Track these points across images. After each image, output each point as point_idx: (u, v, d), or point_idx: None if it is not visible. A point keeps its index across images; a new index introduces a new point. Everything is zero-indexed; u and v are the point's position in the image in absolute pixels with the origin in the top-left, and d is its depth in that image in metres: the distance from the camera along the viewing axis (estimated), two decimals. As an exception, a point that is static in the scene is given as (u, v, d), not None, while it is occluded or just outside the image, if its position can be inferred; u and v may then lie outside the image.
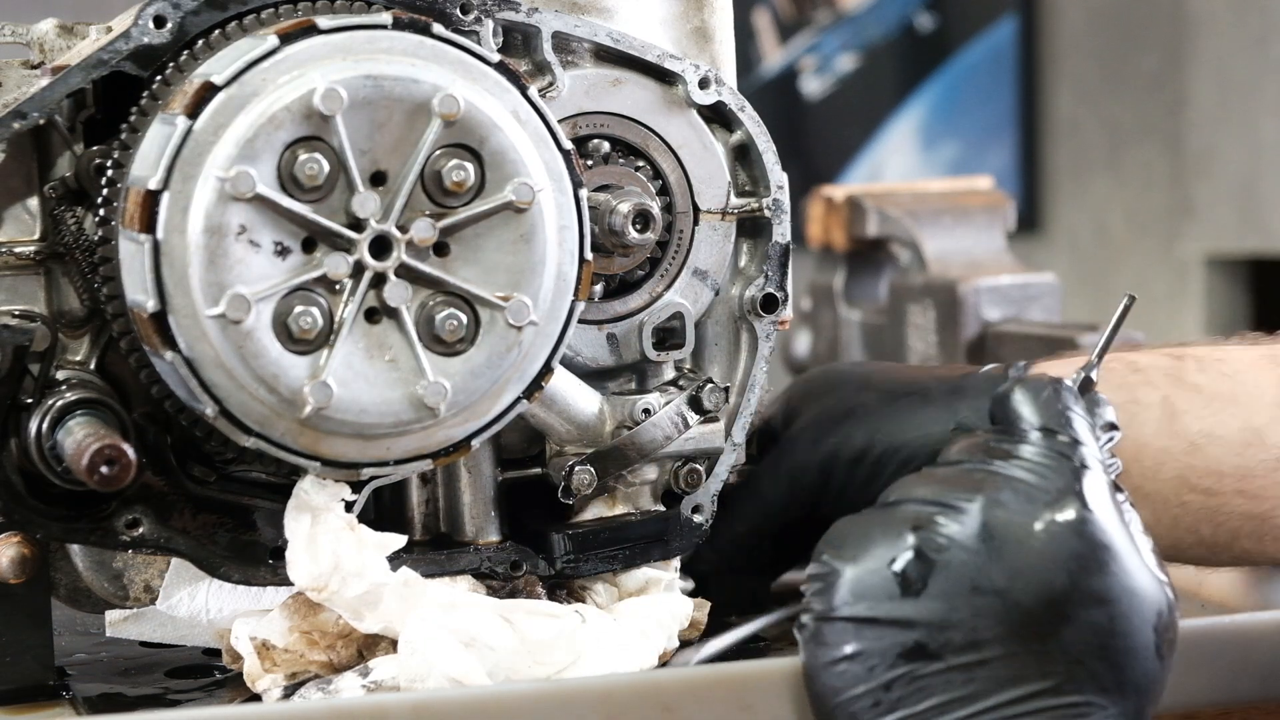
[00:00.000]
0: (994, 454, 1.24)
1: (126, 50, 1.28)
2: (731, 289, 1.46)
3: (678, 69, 1.42)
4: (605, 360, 1.43)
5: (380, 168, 1.25)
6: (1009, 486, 1.20)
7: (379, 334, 1.26)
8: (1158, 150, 5.28)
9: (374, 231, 1.25)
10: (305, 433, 1.25)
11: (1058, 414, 1.25)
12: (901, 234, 2.45)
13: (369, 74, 1.24)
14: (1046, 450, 1.23)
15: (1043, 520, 1.19)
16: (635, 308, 1.44)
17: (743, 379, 1.46)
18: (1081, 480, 1.21)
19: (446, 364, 1.27)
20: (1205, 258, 5.18)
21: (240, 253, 1.22)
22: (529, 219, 1.28)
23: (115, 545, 1.32)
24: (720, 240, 1.45)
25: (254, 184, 1.21)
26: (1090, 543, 1.19)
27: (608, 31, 1.40)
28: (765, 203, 1.45)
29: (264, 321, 1.23)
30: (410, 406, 1.26)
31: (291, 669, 1.34)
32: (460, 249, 1.27)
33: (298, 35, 1.24)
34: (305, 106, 1.22)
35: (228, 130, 1.22)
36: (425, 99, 1.24)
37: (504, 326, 1.28)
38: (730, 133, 1.45)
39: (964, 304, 2.29)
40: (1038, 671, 1.16)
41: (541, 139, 1.29)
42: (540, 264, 1.28)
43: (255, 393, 1.23)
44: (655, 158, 1.43)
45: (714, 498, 1.46)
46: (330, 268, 1.24)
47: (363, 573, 1.30)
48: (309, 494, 1.30)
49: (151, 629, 1.42)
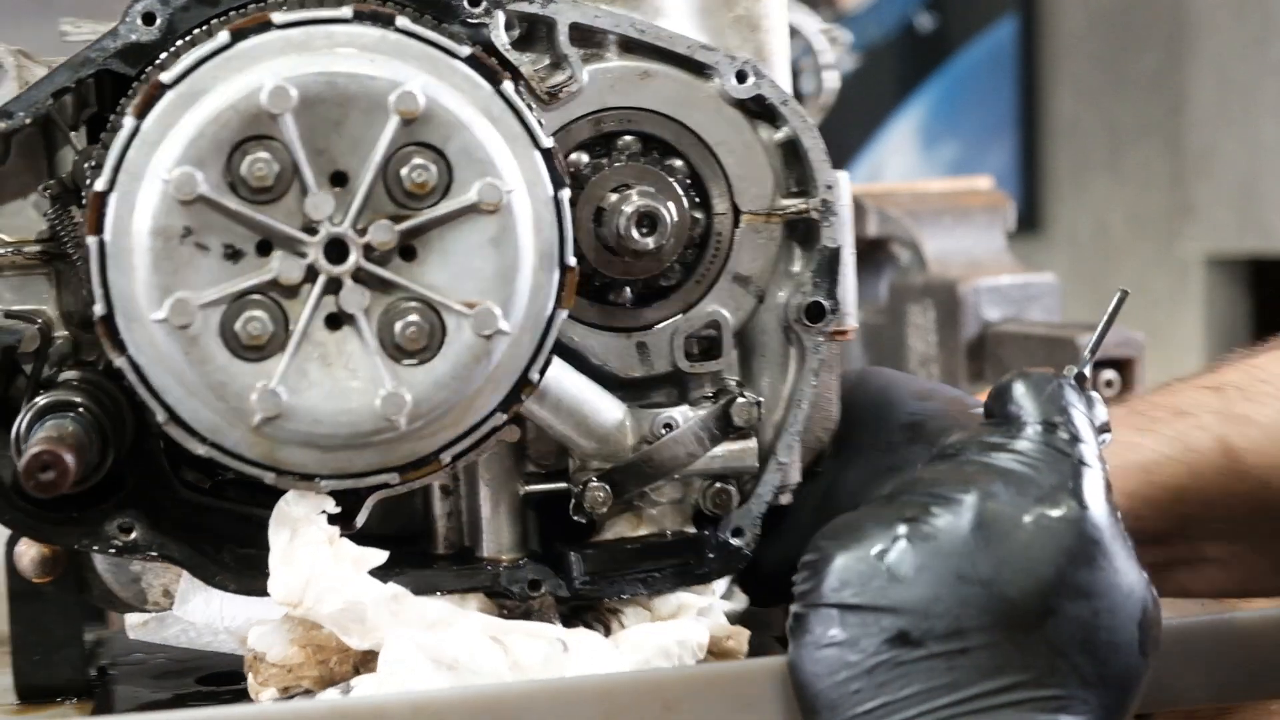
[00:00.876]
0: (991, 447, 1.22)
1: (114, 48, 1.26)
2: (780, 296, 1.36)
3: (711, 60, 1.33)
4: (635, 370, 1.35)
5: (339, 168, 1.20)
6: (1003, 478, 1.19)
7: (339, 341, 1.21)
8: (1158, 150, 5.22)
9: (328, 234, 1.20)
10: (259, 442, 1.21)
11: (1059, 409, 1.22)
12: (901, 234, 2.41)
13: (321, 70, 1.19)
14: (1044, 444, 1.21)
15: (1033, 513, 1.17)
16: (667, 315, 1.35)
17: (789, 394, 1.36)
18: (1079, 476, 1.20)
19: (409, 374, 1.21)
20: (1205, 258, 5.13)
21: (186, 255, 1.18)
22: (498, 222, 1.21)
23: (107, 550, 1.30)
24: (764, 243, 1.35)
25: (196, 185, 1.17)
26: (1081, 537, 1.17)
27: (632, 22, 1.32)
28: (813, 204, 1.34)
29: (211, 326, 1.19)
30: (368, 417, 1.21)
31: (281, 683, 1.30)
32: (429, 253, 1.21)
33: (252, 31, 1.20)
34: (252, 105, 1.18)
35: (174, 130, 1.18)
36: (381, 96, 1.19)
37: (470, 335, 1.21)
38: (775, 129, 1.35)
39: (964, 304, 2.26)
40: (1020, 662, 1.15)
41: (516, 137, 1.22)
42: (512, 270, 1.21)
43: (205, 400, 1.20)
44: (690, 155, 1.34)
45: (756, 520, 1.36)
46: (283, 271, 1.19)
47: (339, 588, 1.25)
48: (289, 506, 1.26)
49: (174, 634, 1.40)
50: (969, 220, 2.33)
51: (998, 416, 1.24)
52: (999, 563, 1.16)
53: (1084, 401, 1.24)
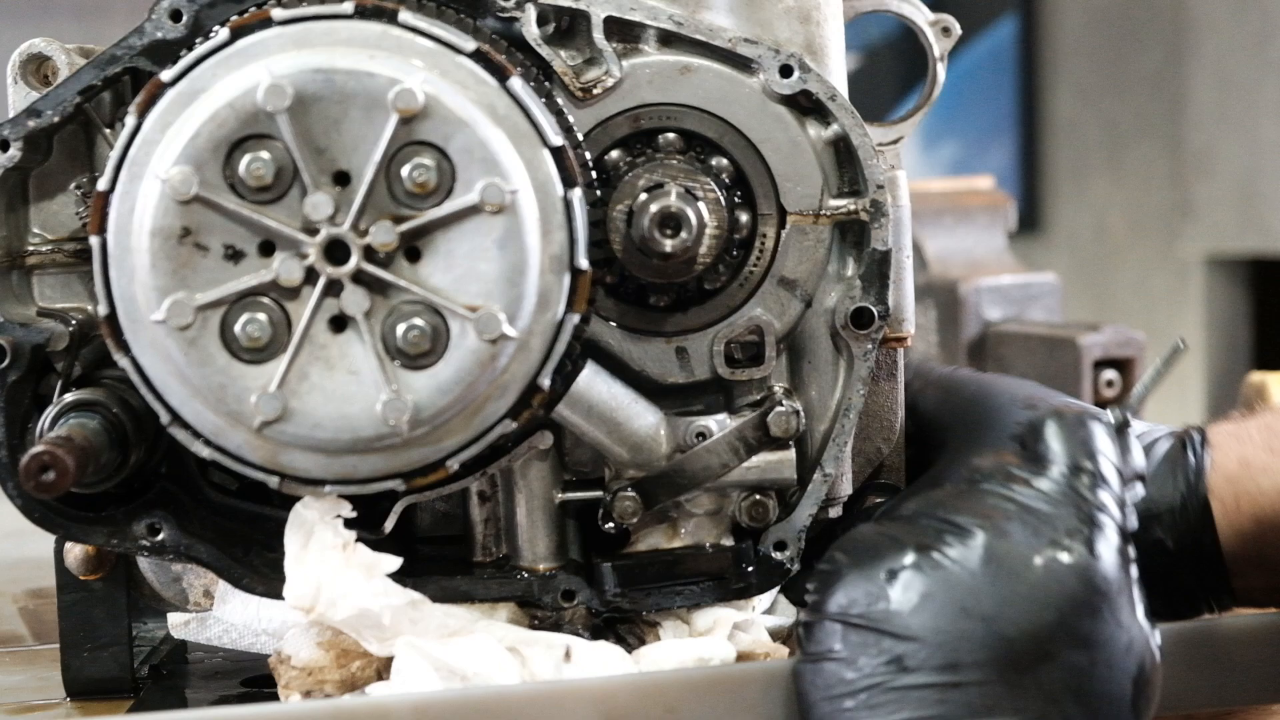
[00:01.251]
0: (1014, 480, 1.19)
1: (140, 46, 1.25)
2: (829, 300, 1.30)
3: (753, 54, 1.27)
4: (675, 376, 1.30)
5: (341, 167, 1.17)
6: (1019, 517, 1.17)
7: (342, 344, 1.18)
8: (1158, 150, 5.13)
9: (328, 235, 1.17)
10: (262, 445, 1.19)
11: (1088, 453, 1.20)
12: None
13: (319, 67, 1.16)
14: (1066, 487, 1.19)
15: (1044, 556, 1.15)
16: (708, 320, 1.30)
17: (837, 402, 1.30)
18: (1094, 524, 1.17)
19: (412, 378, 1.18)
20: (1205, 258, 5.04)
21: (186, 256, 1.17)
22: (503, 223, 1.17)
23: (135, 550, 1.29)
24: (811, 246, 1.29)
25: (193, 185, 1.16)
26: (1088, 586, 1.15)
27: (670, 15, 1.27)
28: (863, 204, 1.28)
29: (211, 328, 1.17)
30: (370, 422, 1.18)
31: (304, 687, 1.28)
32: (433, 255, 1.18)
33: (252, 28, 1.18)
34: (249, 103, 1.16)
35: (172, 129, 1.17)
36: (380, 93, 1.16)
37: (474, 340, 1.17)
38: (825, 126, 1.28)
39: (965, 303, 2.24)
40: (1010, 704, 1.13)
41: (523, 135, 1.18)
42: (518, 272, 1.17)
43: (206, 401, 1.18)
44: (734, 154, 1.28)
45: (800, 533, 1.30)
46: (283, 273, 1.17)
47: (350, 594, 1.23)
48: (304, 511, 1.24)
49: (216, 634, 1.39)
50: (969, 220, 2.31)
51: (1028, 451, 1.20)
52: (1003, 601, 1.14)
53: (1118, 448, 1.21)
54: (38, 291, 1.31)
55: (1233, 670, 1.29)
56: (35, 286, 1.31)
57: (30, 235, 1.31)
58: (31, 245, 1.31)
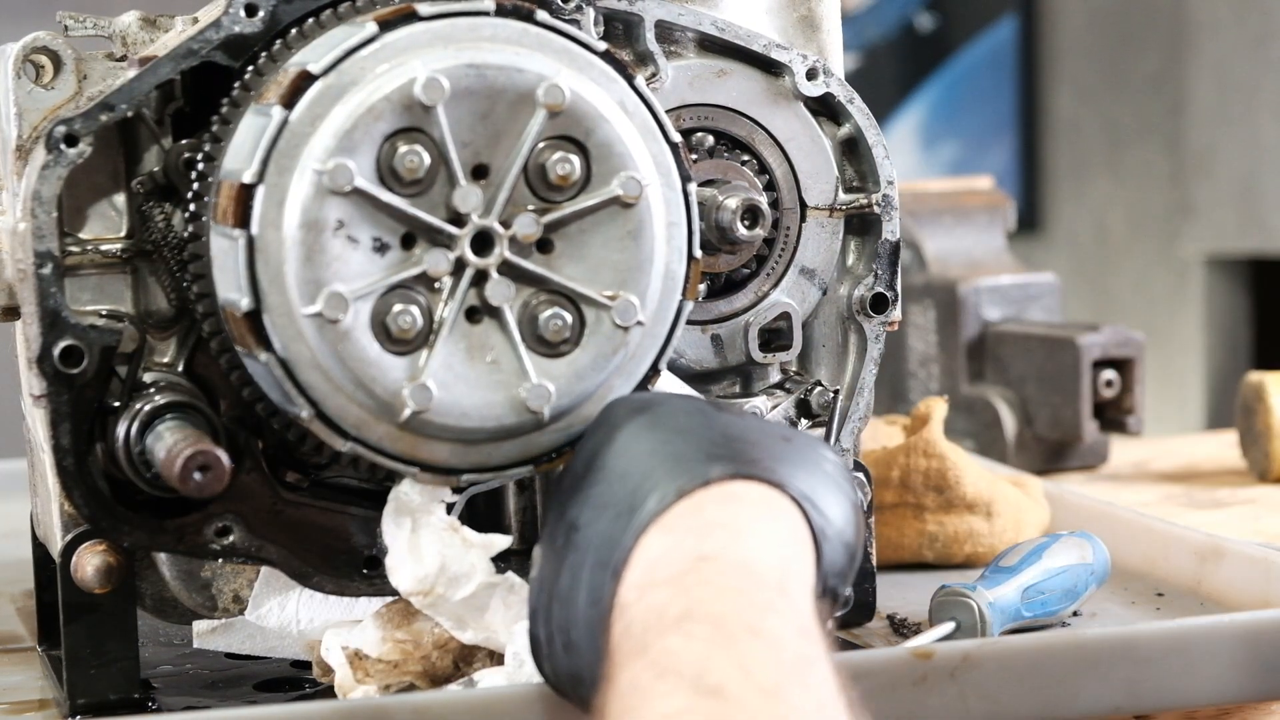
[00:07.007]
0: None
1: (217, 40, 1.23)
2: (839, 288, 1.40)
3: (785, 59, 1.36)
4: (710, 362, 1.38)
5: (482, 160, 1.20)
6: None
7: (480, 334, 1.21)
8: (1158, 150, 5.25)
9: (476, 227, 1.19)
10: (403, 437, 1.20)
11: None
12: (901, 233, 2.43)
13: (472, 62, 1.18)
14: None
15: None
16: (741, 308, 1.38)
17: (851, 382, 1.41)
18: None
19: (550, 366, 1.22)
20: (1205, 258, 5.15)
21: (338, 249, 1.17)
22: (636, 214, 1.22)
23: (205, 554, 1.27)
24: (828, 238, 1.40)
25: (352, 177, 1.16)
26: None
27: (712, 20, 1.35)
28: (875, 199, 1.39)
29: (362, 320, 1.17)
30: (512, 410, 1.21)
31: (386, 680, 1.29)
32: (565, 245, 1.22)
33: (397, 22, 1.19)
34: (405, 97, 1.17)
35: (325, 121, 1.16)
36: (530, 89, 1.19)
37: (610, 327, 1.22)
38: (838, 126, 1.39)
39: (964, 304, 2.28)
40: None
41: (649, 131, 1.23)
42: (648, 261, 1.23)
43: (352, 395, 1.18)
44: (761, 152, 1.37)
45: (821, 506, 1.40)
46: (431, 264, 1.19)
47: (471, 574, 1.25)
48: (409, 496, 1.25)
49: (240, 640, 1.37)
50: (969, 220, 2.34)
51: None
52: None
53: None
54: (69, 295, 1.26)
55: (1235, 667, 1.28)
56: (68, 289, 1.26)
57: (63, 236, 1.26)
58: (65, 246, 1.26)
